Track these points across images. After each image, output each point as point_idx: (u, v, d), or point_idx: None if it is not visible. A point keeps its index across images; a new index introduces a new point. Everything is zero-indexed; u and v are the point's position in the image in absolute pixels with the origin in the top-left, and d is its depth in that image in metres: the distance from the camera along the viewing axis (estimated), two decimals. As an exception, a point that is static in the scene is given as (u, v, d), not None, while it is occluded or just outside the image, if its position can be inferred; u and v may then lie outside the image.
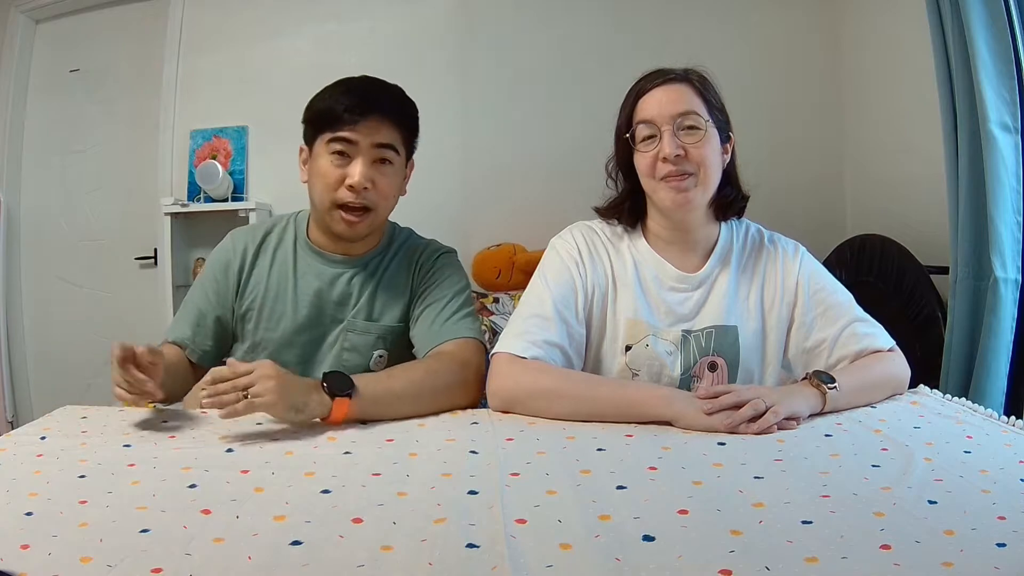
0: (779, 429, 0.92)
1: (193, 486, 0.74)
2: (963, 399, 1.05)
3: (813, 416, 0.97)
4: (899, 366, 1.10)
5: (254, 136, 2.81)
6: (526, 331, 1.07)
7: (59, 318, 3.03)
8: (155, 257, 2.85)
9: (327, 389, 0.95)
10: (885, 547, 0.59)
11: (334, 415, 0.95)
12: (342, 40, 2.79)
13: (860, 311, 1.14)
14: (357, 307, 1.22)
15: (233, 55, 2.82)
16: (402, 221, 1.33)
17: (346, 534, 0.63)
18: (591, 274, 1.15)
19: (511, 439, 0.91)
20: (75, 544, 0.60)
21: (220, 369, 0.93)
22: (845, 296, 1.16)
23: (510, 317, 1.18)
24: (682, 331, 1.13)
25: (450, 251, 1.30)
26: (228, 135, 2.81)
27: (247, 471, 0.79)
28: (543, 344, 1.06)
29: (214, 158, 2.74)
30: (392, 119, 1.15)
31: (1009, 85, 1.51)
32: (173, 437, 0.92)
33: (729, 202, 1.16)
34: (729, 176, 1.16)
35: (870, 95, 2.47)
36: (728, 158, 1.15)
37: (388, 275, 1.24)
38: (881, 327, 1.13)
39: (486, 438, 0.92)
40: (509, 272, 2.59)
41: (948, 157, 1.67)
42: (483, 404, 1.09)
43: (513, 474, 0.78)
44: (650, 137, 1.09)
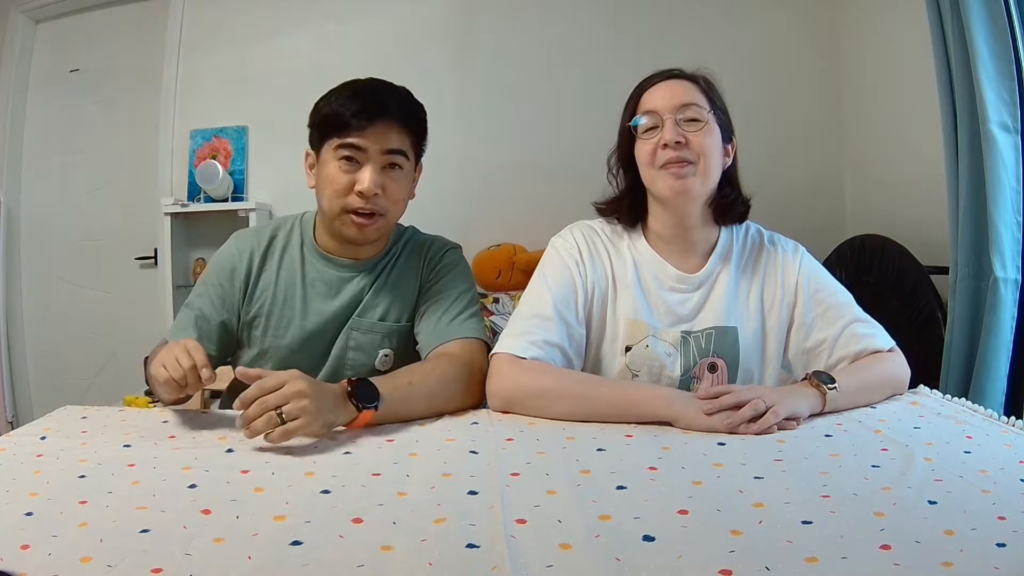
0: (779, 429, 0.92)
1: (193, 486, 0.74)
2: (963, 399, 1.05)
3: (813, 416, 0.97)
4: (899, 366, 1.10)
5: (254, 136, 2.81)
6: (526, 331, 1.07)
7: (59, 318, 3.03)
8: (155, 257, 2.86)
9: (355, 401, 0.93)
10: (885, 547, 0.59)
11: (356, 423, 0.94)
12: (342, 40, 2.79)
13: (860, 311, 1.14)
14: (364, 308, 1.21)
15: (233, 55, 2.83)
16: (402, 220, 1.33)
17: (346, 534, 0.63)
18: (591, 274, 1.15)
19: (511, 439, 0.91)
20: (75, 544, 0.60)
21: (247, 393, 0.88)
22: (845, 296, 1.16)
23: (510, 317, 1.17)
24: (681, 332, 1.13)
25: (456, 247, 1.30)
26: (228, 135, 2.81)
27: (247, 471, 0.79)
28: (543, 344, 1.06)
29: (214, 158, 2.74)
30: (401, 124, 1.12)
31: (1009, 85, 1.51)
32: (173, 437, 0.92)
33: (729, 204, 1.16)
34: (730, 177, 1.16)
35: (870, 95, 2.47)
36: (729, 160, 1.15)
37: (395, 274, 1.23)
38: (881, 327, 1.13)
39: (486, 438, 0.92)
40: (509, 272, 2.59)
41: (948, 157, 1.67)
42: (484, 404, 1.09)
43: (513, 474, 0.78)
44: (652, 128, 1.10)
